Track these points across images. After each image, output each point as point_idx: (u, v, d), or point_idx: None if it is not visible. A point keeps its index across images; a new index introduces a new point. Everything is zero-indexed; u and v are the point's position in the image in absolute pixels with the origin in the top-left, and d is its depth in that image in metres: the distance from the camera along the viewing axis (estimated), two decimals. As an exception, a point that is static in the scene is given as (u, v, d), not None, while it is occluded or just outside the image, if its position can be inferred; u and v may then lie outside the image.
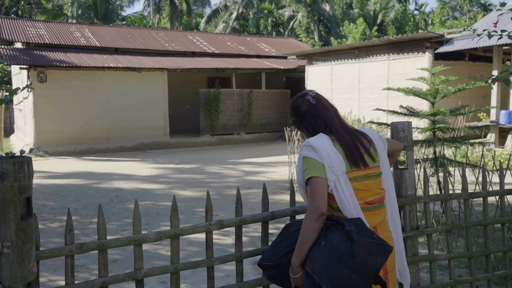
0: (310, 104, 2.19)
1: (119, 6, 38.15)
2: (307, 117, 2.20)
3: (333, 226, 1.96)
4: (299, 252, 1.98)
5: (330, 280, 1.83)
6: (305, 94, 2.25)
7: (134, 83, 15.12)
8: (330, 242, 1.91)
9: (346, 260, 1.83)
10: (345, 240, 1.88)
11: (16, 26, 16.35)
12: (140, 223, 2.24)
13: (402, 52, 13.79)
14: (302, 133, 2.34)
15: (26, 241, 1.79)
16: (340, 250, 1.86)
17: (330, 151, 2.02)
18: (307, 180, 2.01)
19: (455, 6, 48.59)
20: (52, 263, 4.66)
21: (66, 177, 9.95)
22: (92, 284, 2.13)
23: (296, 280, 2.02)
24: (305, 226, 1.96)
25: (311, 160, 2.02)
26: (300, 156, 2.11)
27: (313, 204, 1.95)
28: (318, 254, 1.91)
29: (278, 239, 2.21)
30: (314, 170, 1.99)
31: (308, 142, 2.08)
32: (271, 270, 2.15)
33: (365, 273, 1.85)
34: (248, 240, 5.31)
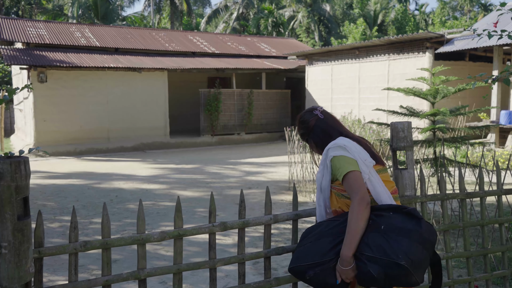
0: (318, 118, 2.32)
1: (119, 6, 38.17)
2: (315, 131, 2.32)
3: (383, 212, 2.05)
4: (351, 243, 2.00)
5: (408, 256, 1.89)
6: (313, 109, 2.37)
7: (134, 83, 15.12)
8: (391, 224, 2.00)
9: (417, 236, 1.95)
10: (409, 219, 2.00)
11: (16, 26, 16.36)
12: (144, 223, 2.25)
13: (402, 52, 13.78)
14: (310, 147, 2.43)
15: (23, 241, 1.79)
16: (408, 228, 1.96)
17: (357, 147, 2.16)
18: (344, 176, 2.08)
19: (456, 6, 48.58)
20: (52, 263, 4.66)
21: (66, 177, 9.95)
22: (96, 282, 2.14)
23: (346, 272, 2.01)
24: (355, 215, 2.01)
25: (343, 158, 2.12)
26: (325, 160, 2.19)
27: (360, 194, 2.03)
28: (381, 238, 1.97)
29: (311, 239, 2.16)
30: (349, 165, 2.09)
31: (334, 144, 2.18)
32: (313, 270, 2.08)
33: (430, 247, 1.98)
34: (249, 240, 5.31)
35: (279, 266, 4.46)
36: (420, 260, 1.93)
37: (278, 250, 2.48)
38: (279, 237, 5.47)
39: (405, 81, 12.70)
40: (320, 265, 2.08)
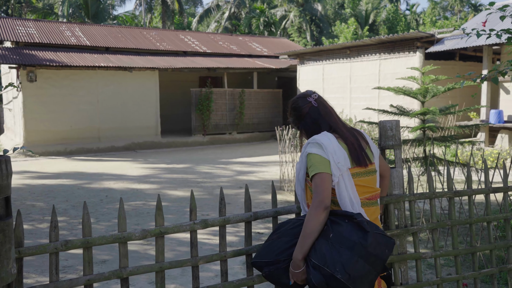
0: (312, 107, 2.24)
1: (110, 5, 37.93)
2: (307, 119, 2.25)
3: (338, 219, 2.01)
4: (302, 246, 1.99)
5: (345, 270, 1.86)
6: (307, 95, 2.27)
7: (125, 82, 15.03)
8: (339, 234, 1.96)
9: (360, 250, 1.90)
10: (357, 231, 1.94)
11: (5, 25, 16.20)
12: (125, 221, 2.22)
13: (393, 51, 13.83)
14: (300, 133, 2.37)
15: (5, 242, 1.76)
16: (352, 240, 1.92)
17: (335, 148, 2.09)
18: (313, 175, 2.05)
19: (446, 6, 48.90)
20: (39, 264, 4.61)
21: (56, 177, 9.87)
22: (77, 281, 2.11)
23: (297, 275, 2.01)
24: (310, 219, 1.98)
25: (316, 157, 2.08)
26: (303, 153, 2.15)
27: (318, 198, 1.99)
28: (327, 246, 1.95)
29: (274, 236, 2.18)
30: (319, 166, 2.05)
31: (313, 139, 2.13)
32: (268, 267, 2.11)
33: (376, 263, 1.93)
34: (238, 240, 5.29)
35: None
36: (360, 275, 1.87)
37: (259, 247, 2.47)
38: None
39: (396, 80, 12.76)
40: (274, 264, 2.09)
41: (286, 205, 4.81)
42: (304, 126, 2.26)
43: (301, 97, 2.28)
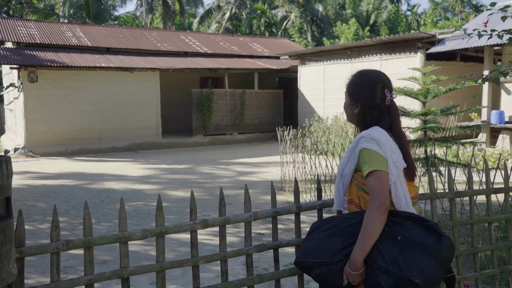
0: (385, 101, 2.11)
1: (111, 6, 37.98)
2: (374, 109, 2.11)
3: (401, 220, 1.96)
4: (364, 247, 1.91)
5: (423, 274, 1.82)
6: (386, 87, 2.13)
7: (126, 83, 15.04)
8: (409, 236, 1.91)
9: (436, 254, 1.86)
10: (429, 234, 1.91)
11: (6, 25, 16.21)
12: (126, 221, 2.22)
13: (394, 52, 13.82)
14: (352, 115, 2.19)
15: (5, 242, 1.76)
16: (427, 244, 1.88)
17: (392, 146, 2.03)
18: (370, 172, 1.96)
19: (447, 7, 48.88)
20: (40, 265, 4.61)
21: (57, 178, 9.87)
22: (78, 281, 2.11)
23: (355, 276, 1.93)
24: (372, 220, 1.92)
25: (373, 153, 1.99)
26: (356, 147, 2.05)
27: (380, 199, 1.92)
28: (396, 249, 1.89)
29: (322, 235, 2.07)
30: (377, 163, 1.97)
31: (369, 135, 2.03)
32: (320, 268, 2.00)
33: (446, 266, 1.91)
34: (239, 240, 5.29)
35: (271, 266, 4.44)
36: (436, 279, 1.86)
37: (259, 247, 2.47)
38: (282, 234, 5.45)
39: (397, 81, 12.71)
40: (328, 264, 2.00)
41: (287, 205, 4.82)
42: (366, 113, 2.11)
43: (381, 85, 2.12)
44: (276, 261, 2.57)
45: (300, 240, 2.66)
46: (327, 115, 15.66)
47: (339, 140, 9.98)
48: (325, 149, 7.99)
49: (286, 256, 4.67)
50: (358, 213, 2.07)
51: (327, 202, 2.78)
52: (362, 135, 2.05)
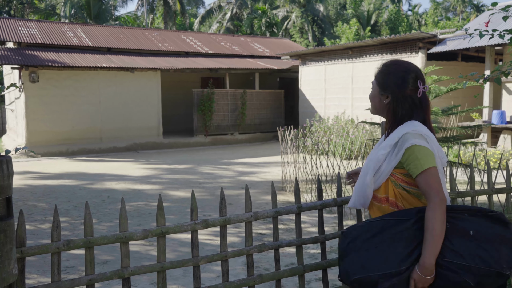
0: (417, 93, 2.00)
1: (112, 6, 38.00)
2: (406, 101, 1.99)
3: (458, 214, 1.91)
4: (435, 248, 1.81)
5: (508, 265, 1.81)
6: (419, 78, 2.01)
7: (127, 83, 15.05)
8: (480, 230, 1.86)
9: (509, 242, 1.85)
10: (496, 225, 1.88)
11: (8, 25, 16.23)
12: (126, 221, 2.22)
13: (395, 52, 13.81)
14: (380, 106, 2.08)
15: (6, 243, 1.75)
16: (502, 235, 1.85)
17: (436, 141, 1.98)
18: (425, 170, 1.87)
19: (448, 7, 48.85)
20: (40, 265, 4.61)
21: (57, 178, 9.87)
22: (79, 281, 2.11)
23: (427, 281, 1.82)
24: (437, 219, 1.82)
25: (425, 150, 1.90)
26: (403, 144, 1.92)
27: (440, 195, 1.84)
28: (471, 244, 1.83)
29: (376, 242, 1.89)
30: (431, 160, 1.89)
31: (416, 130, 1.92)
32: (389, 280, 1.83)
33: None
34: (240, 240, 5.28)
35: (272, 266, 4.44)
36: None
37: (260, 247, 2.46)
38: (283, 234, 5.45)
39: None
40: (398, 274, 1.83)
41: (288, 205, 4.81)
42: (397, 104, 2.00)
43: (414, 75, 2.01)
44: (277, 261, 2.57)
45: (301, 240, 2.66)
46: (328, 115, 15.66)
47: (340, 140, 9.97)
48: (326, 149, 7.99)
49: (287, 256, 4.66)
50: (403, 213, 1.93)
51: (328, 202, 2.77)
52: (408, 131, 1.93)
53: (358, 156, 9.43)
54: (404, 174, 1.96)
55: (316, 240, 2.74)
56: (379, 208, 2.03)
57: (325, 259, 2.78)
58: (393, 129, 2.03)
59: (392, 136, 1.98)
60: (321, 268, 2.75)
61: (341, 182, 2.86)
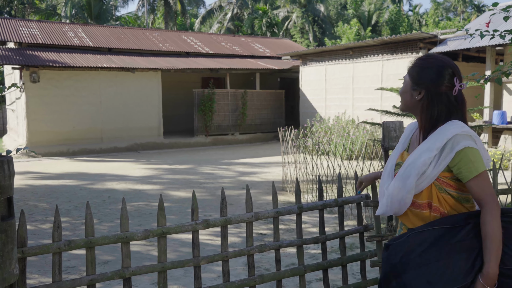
0: (453, 90, 1.85)
1: (113, 6, 38.03)
2: (442, 99, 1.85)
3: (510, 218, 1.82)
4: (497, 256, 1.71)
5: None
6: (456, 75, 1.87)
7: (127, 83, 15.06)
8: None
9: None
10: None
11: (8, 26, 16.24)
12: (127, 222, 2.22)
13: (396, 52, 13.81)
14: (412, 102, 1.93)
15: (7, 243, 1.76)
16: None
17: (481, 142, 1.87)
18: (478, 175, 1.76)
19: (449, 7, 48.83)
20: (41, 265, 4.61)
21: (58, 178, 9.88)
22: (80, 281, 2.12)
23: None
24: (496, 225, 1.72)
25: (476, 152, 1.78)
26: (453, 145, 1.78)
27: (496, 199, 1.76)
28: None
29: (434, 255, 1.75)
30: (482, 163, 1.78)
31: (466, 131, 1.79)
32: None
33: None
34: (241, 240, 5.28)
35: (272, 266, 4.44)
36: None
37: (261, 248, 2.47)
38: (284, 235, 5.45)
39: (399, 81, 12.74)
40: None
41: (288, 206, 4.82)
42: (432, 100, 1.86)
43: (450, 71, 1.86)
44: (277, 261, 2.57)
45: (302, 240, 2.66)
46: (328, 115, 15.65)
47: (341, 140, 9.97)
48: (327, 149, 7.99)
49: (288, 257, 4.66)
50: (450, 220, 1.80)
51: (329, 203, 2.77)
52: (458, 132, 1.79)
53: (359, 156, 9.43)
54: (449, 178, 1.83)
55: (317, 241, 2.74)
56: (417, 215, 1.88)
57: (326, 259, 2.78)
58: (430, 129, 1.88)
59: (436, 137, 1.83)
60: (322, 269, 2.76)
61: (342, 182, 2.86)
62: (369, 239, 2.78)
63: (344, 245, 2.88)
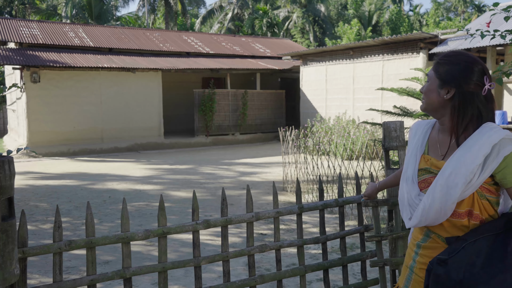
0: (484, 88, 1.73)
1: (113, 6, 38.04)
2: (474, 99, 1.72)
3: None
4: None
5: None
6: (486, 74, 1.75)
7: (128, 83, 15.06)
8: None
9: None
10: None
11: (9, 26, 16.25)
12: (128, 221, 2.22)
13: (396, 52, 13.81)
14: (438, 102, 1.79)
15: (8, 243, 1.76)
16: None
17: None
18: None
19: (450, 7, 48.81)
20: (42, 265, 4.61)
21: (59, 178, 9.88)
22: (81, 281, 2.12)
23: None
24: None
25: None
26: (501, 150, 1.67)
27: None
28: None
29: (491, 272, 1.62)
30: None
31: (509, 134, 1.69)
32: None
33: None
34: (241, 241, 5.28)
35: (273, 266, 4.44)
36: None
37: (261, 248, 2.47)
38: (284, 235, 5.45)
39: (399, 81, 12.74)
40: None
41: (289, 206, 4.82)
42: (463, 100, 1.72)
43: (480, 68, 1.74)
44: (278, 261, 2.57)
45: (302, 240, 2.66)
46: (329, 115, 15.65)
47: (341, 140, 9.97)
48: (327, 149, 7.99)
49: (288, 257, 4.66)
50: (493, 226, 1.71)
51: (329, 203, 2.77)
52: (503, 136, 1.67)
53: (359, 157, 9.42)
54: (489, 184, 1.73)
55: (318, 241, 2.74)
56: (455, 224, 1.76)
57: (327, 259, 2.78)
58: (462, 131, 1.75)
59: (479, 142, 1.69)
60: (323, 269, 2.76)
61: (342, 183, 2.86)
62: (369, 239, 2.78)
63: (345, 245, 2.88)
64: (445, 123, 1.80)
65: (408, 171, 1.87)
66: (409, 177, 1.86)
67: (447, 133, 1.81)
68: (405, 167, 1.91)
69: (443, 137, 1.83)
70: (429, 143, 1.88)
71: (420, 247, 1.84)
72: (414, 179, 1.84)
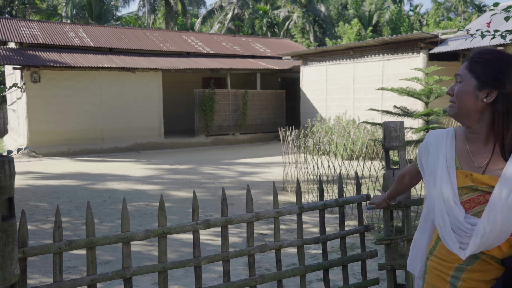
0: None
1: (113, 6, 38.04)
2: None
3: None
4: None
5: None
6: None
7: (128, 83, 15.07)
8: None
9: None
10: None
11: (9, 26, 16.25)
12: (128, 221, 2.22)
13: (396, 52, 13.80)
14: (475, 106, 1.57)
15: (8, 243, 1.76)
16: None
17: None
18: None
19: (450, 7, 48.80)
20: (42, 265, 4.62)
21: (59, 178, 9.89)
22: (81, 281, 2.12)
23: None
24: None
25: None
26: None
27: None
28: None
29: None
30: None
31: None
32: None
33: None
34: (241, 241, 5.28)
35: (273, 266, 4.44)
36: None
37: (261, 248, 2.47)
38: (284, 235, 5.45)
39: (399, 81, 12.73)
40: None
41: (289, 206, 4.82)
42: (508, 103, 1.52)
43: None
44: (278, 261, 2.57)
45: (302, 240, 2.66)
46: (329, 115, 15.65)
47: (341, 140, 9.97)
48: (327, 149, 7.99)
49: (288, 257, 4.66)
50: None
51: (329, 203, 2.77)
52: None
53: (359, 157, 9.43)
54: None
55: (318, 241, 2.74)
56: (499, 249, 1.57)
57: (327, 259, 2.78)
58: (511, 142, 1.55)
59: None
60: (323, 269, 2.76)
61: (342, 182, 2.86)
62: (378, 243, 2.74)
63: (345, 245, 2.88)
64: (480, 131, 1.60)
65: (445, 191, 1.61)
66: (449, 198, 1.60)
67: (481, 143, 1.61)
68: (432, 186, 1.67)
69: (476, 148, 1.62)
70: (457, 155, 1.66)
71: (464, 270, 1.60)
72: (456, 199, 1.59)
